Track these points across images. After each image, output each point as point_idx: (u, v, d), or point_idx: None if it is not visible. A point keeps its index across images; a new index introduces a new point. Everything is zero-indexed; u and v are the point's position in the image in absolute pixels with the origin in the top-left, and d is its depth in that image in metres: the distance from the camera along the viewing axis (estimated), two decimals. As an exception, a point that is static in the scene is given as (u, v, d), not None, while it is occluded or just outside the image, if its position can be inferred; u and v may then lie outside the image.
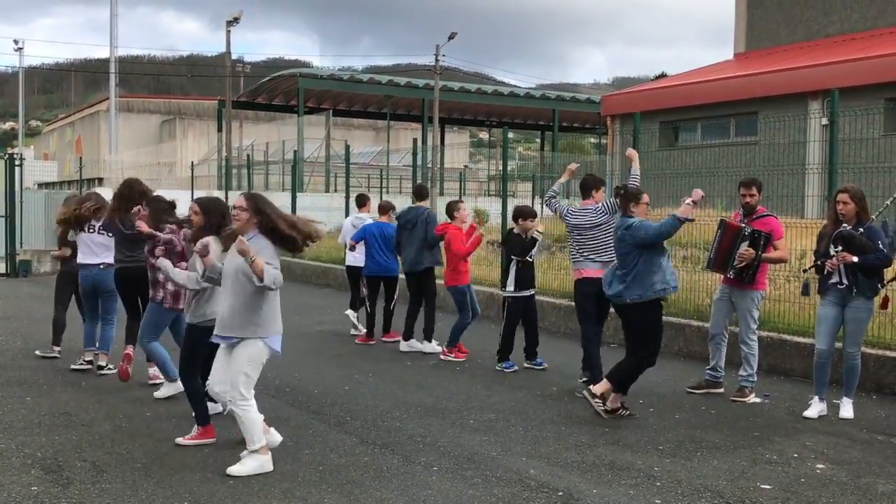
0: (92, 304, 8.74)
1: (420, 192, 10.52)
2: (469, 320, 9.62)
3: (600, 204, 8.16)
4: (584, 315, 8.11)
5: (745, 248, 7.50)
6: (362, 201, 11.63)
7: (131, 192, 7.96)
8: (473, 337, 10.06)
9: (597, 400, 6.96)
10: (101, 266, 8.47)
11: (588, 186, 8.32)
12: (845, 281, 6.96)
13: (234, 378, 5.53)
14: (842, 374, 7.31)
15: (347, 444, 6.18)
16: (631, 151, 8.72)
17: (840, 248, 6.91)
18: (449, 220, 9.85)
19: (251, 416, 5.57)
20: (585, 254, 8.05)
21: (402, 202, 12.77)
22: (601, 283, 7.41)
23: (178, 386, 7.02)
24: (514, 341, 8.99)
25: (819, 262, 7.10)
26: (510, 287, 9.01)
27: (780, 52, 24.99)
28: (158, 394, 7.49)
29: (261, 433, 5.60)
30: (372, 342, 10.49)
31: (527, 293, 9.04)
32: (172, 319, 7.47)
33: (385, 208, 10.88)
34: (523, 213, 9.07)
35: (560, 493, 5.24)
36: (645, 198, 7.21)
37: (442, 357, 9.52)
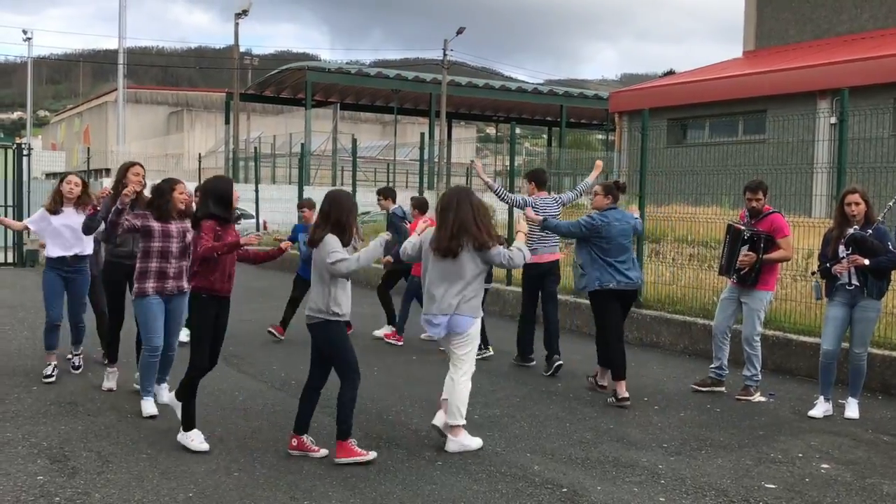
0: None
1: (422, 206, 10.59)
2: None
3: (558, 196, 9.15)
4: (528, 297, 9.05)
5: (745, 253, 7.48)
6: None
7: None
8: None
9: (611, 399, 7.34)
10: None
11: (545, 180, 9.10)
12: (855, 282, 6.94)
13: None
14: (848, 374, 7.30)
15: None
16: (598, 163, 9.66)
17: (851, 249, 6.89)
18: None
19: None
20: (542, 241, 8.71)
21: (409, 196, 12.73)
22: (546, 267, 8.71)
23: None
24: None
25: (828, 265, 7.07)
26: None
27: (789, 51, 24.90)
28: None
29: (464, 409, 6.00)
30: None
31: (488, 286, 9.18)
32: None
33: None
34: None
35: (564, 490, 5.25)
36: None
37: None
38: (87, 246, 7.77)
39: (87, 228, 7.14)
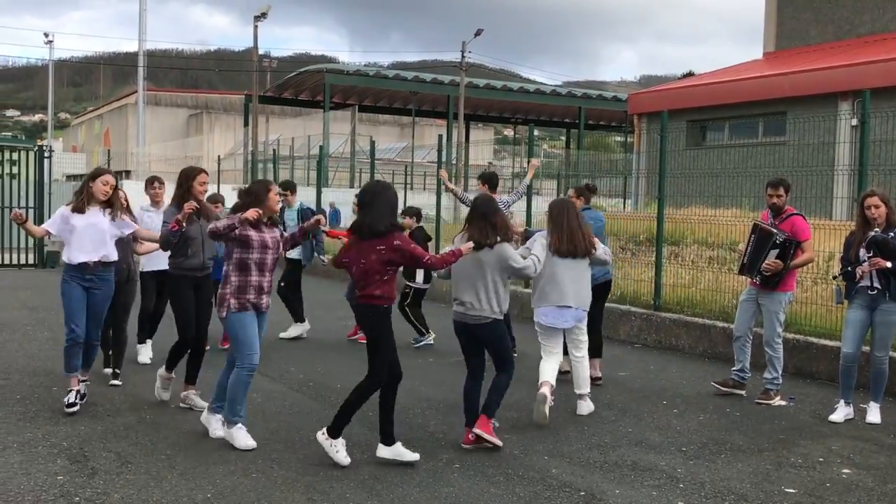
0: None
1: (418, 214, 10.67)
2: None
3: (499, 197, 9.31)
4: None
5: (773, 259, 7.41)
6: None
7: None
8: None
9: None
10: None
11: (497, 182, 9.68)
12: (877, 285, 6.87)
13: None
14: (869, 378, 7.23)
15: (370, 440, 6.18)
16: (533, 162, 10.26)
17: (872, 252, 6.83)
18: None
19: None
20: None
21: (428, 199, 12.76)
22: None
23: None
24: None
25: (849, 269, 7.01)
26: (419, 279, 10.30)
27: (810, 52, 24.72)
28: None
29: None
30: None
31: (427, 285, 10.49)
32: None
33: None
34: (406, 212, 10.42)
35: (582, 493, 5.22)
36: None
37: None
38: (112, 251, 6.91)
39: (167, 243, 6.67)
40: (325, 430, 5.71)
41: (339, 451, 5.64)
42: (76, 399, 6.79)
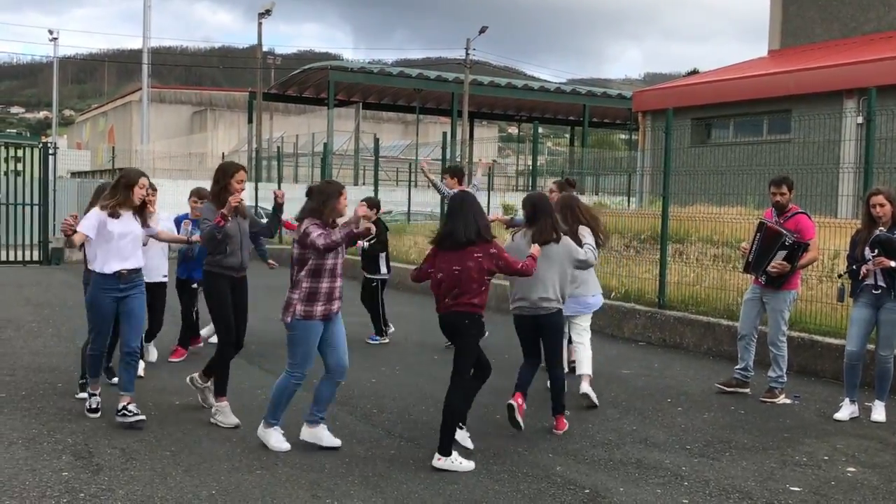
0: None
1: (378, 206, 10.56)
2: None
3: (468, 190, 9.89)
4: None
5: (780, 260, 7.39)
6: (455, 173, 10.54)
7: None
8: (497, 334, 10.02)
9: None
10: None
11: (463, 174, 10.25)
12: (882, 284, 6.85)
13: None
14: (874, 376, 7.21)
15: (374, 437, 6.19)
16: (483, 160, 10.83)
17: (877, 251, 6.81)
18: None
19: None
20: None
21: (433, 196, 12.74)
22: None
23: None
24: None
25: (854, 268, 6.99)
26: (384, 270, 10.38)
27: (815, 49, 24.66)
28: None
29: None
30: None
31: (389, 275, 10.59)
32: None
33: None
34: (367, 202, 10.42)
35: (587, 491, 5.22)
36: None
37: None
38: (142, 258, 6.55)
39: (212, 240, 6.31)
40: (437, 454, 5.57)
41: (460, 462, 5.55)
42: (97, 406, 6.57)
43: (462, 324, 5.76)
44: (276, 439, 5.85)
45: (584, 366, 7.41)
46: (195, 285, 8.80)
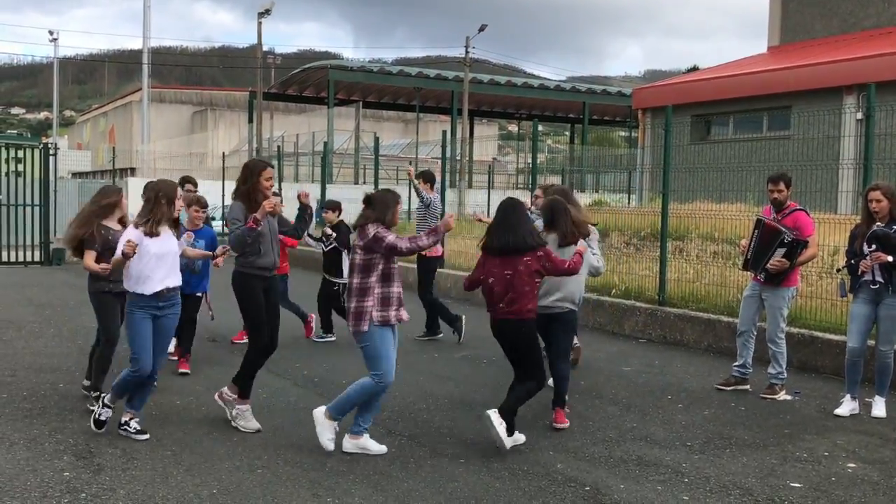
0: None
1: (339, 208, 10.66)
2: None
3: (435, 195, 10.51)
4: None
5: (779, 258, 7.39)
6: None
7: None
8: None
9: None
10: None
11: (435, 180, 10.70)
12: (880, 279, 6.86)
13: None
14: (874, 372, 7.22)
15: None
16: (409, 169, 11.39)
17: (874, 247, 6.82)
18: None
19: None
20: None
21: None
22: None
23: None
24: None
25: (853, 262, 7.00)
26: (346, 274, 9.78)
27: (814, 46, 24.65)
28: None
29: None
30: None
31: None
32: None
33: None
34: (327, 206, 10.33)
35: (587, 488, 5.23)
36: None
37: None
38: (180, 275, 6.22)
39: (241, 244, 6.14)
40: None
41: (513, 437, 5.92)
42: (106, 419, 6.09)
43: (520, 332, 5.97)
44: (373, 444, 5.83)
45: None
46: (199, 294, 8.49)
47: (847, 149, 13.12)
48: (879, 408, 7.03)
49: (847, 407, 7.06)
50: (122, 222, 6.74)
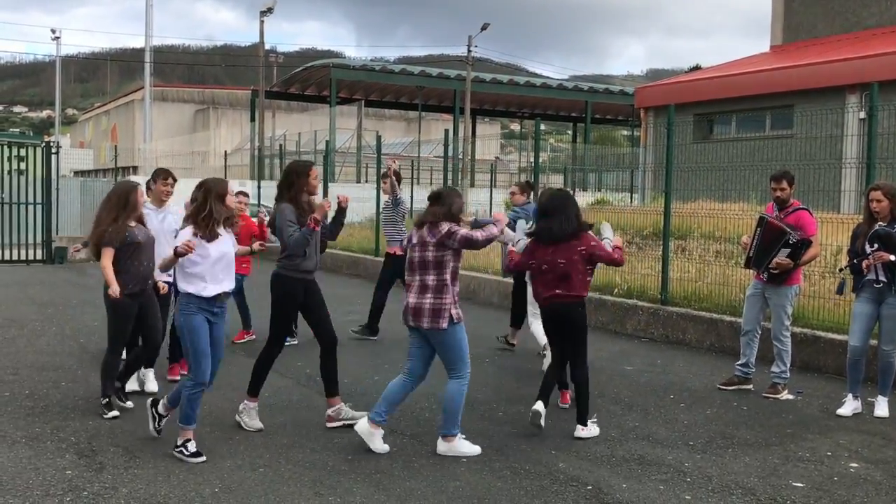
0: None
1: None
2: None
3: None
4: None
5: (783, 258, 7.37)
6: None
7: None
8: (501, 329, 10.03)
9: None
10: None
11: (400, 179, 10.84)
12: (882, 279, 6.84)
13: None
14: (877, 371, 7.20)
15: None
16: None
17: (876, 246, 6.81)
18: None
19: None
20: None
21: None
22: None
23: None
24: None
25: (855, 262, 6.99)
26: None
27: (817, 45, 24.63)
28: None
29: None
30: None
31: None
32: None
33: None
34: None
35: (589, 487, 5.22)
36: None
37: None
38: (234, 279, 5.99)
39: (301, 246, 6.10)
40: (578, 426, 6.26)
41: (597, 429, 6.31)
42: (196, 447, 5.63)
43: (576, 312, 6.27)
44: (467, 446, 5.82)
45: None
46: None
47: (850, 148, 13.10)
48: (882, 407, 7.01)
49: (849, 406, 7.05)
50: (141, 220, 6.64)
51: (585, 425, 6.25)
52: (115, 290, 6.27)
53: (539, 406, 6.21)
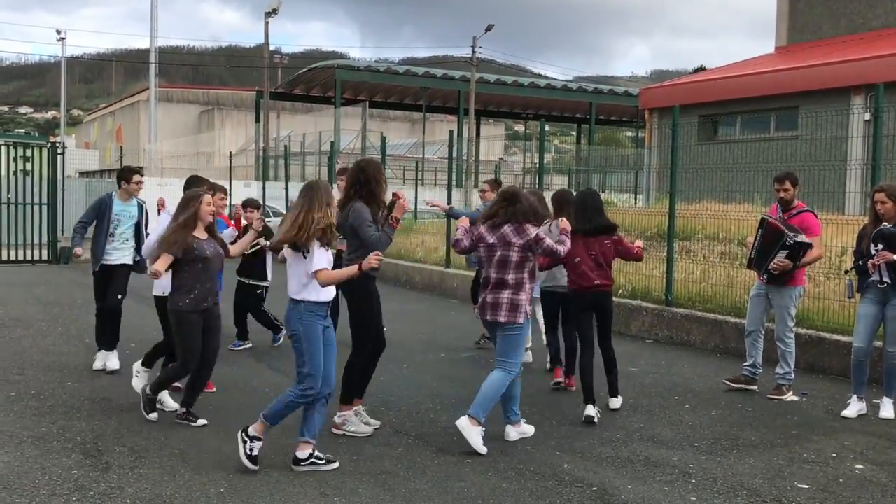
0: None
1: (259, 206, 10.14)
2: None
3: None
4: None
5: (782, 259, 7.37)
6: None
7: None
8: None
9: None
10: None
11: None
12: (887, 280, 6.84)
13: None
14: (882, 373, 7.20)
15: (382, 435, 6.21)
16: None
17: (881, 246, 6.80)
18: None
19: None
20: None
21: (439, 194, 12.76)
22: None
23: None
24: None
25: (860, 263, 6.99)
26: (269, 277, 9.67)
27: (822, 46, 24.60)
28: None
29: None
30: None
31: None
32: None
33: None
34: (248, 204, 9.48)
35: (594, 488, 5.22)
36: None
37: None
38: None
39: (385, 244, 6.05)
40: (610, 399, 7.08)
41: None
42: (332, 458, 5.54)
43: (608, 299, 6.97)
44: (524, 428, 6.24)
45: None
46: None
47: (855, 149, 13.06)
48: (887, 409, 7.01)
49: (854, 408, 7.04)
50: (210, 231, 6.37)
51: (618, 396, 7.10)
52: (157, 268, 6.03)
53: (591, 409, 6.72)
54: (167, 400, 6.72)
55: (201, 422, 6.35)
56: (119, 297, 8.17)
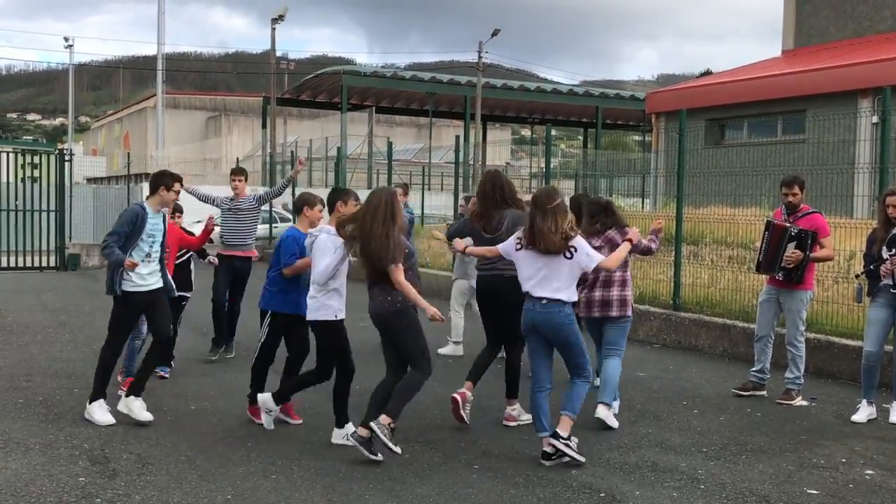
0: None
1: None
2: None
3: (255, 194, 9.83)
4: None
5: (792, 250, 7.36)
6: None
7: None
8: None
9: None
10: None
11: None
12: (898, 283, 6.80)
13: None
14: (891, 377, 7.16)
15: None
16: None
17: (894, 251, 6.77)
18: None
19: None
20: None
21: (446, 199, 12.75)
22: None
23: None
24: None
25: (872, 267, 6.95)
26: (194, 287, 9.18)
27: (829, 49, 24.54)
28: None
29: None
30: None
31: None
32: None
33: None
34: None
35: (602, 495, 5.20)
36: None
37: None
38: None
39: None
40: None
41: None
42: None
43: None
44: (611, 417, 6.64)
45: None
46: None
47: (862, 153, 13.03)
48: (897, 414, 6.97)
49: (864, 413, 7.00)
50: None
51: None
52: (433, 311, 5.86)
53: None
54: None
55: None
56: (172, 326, 7.28)
